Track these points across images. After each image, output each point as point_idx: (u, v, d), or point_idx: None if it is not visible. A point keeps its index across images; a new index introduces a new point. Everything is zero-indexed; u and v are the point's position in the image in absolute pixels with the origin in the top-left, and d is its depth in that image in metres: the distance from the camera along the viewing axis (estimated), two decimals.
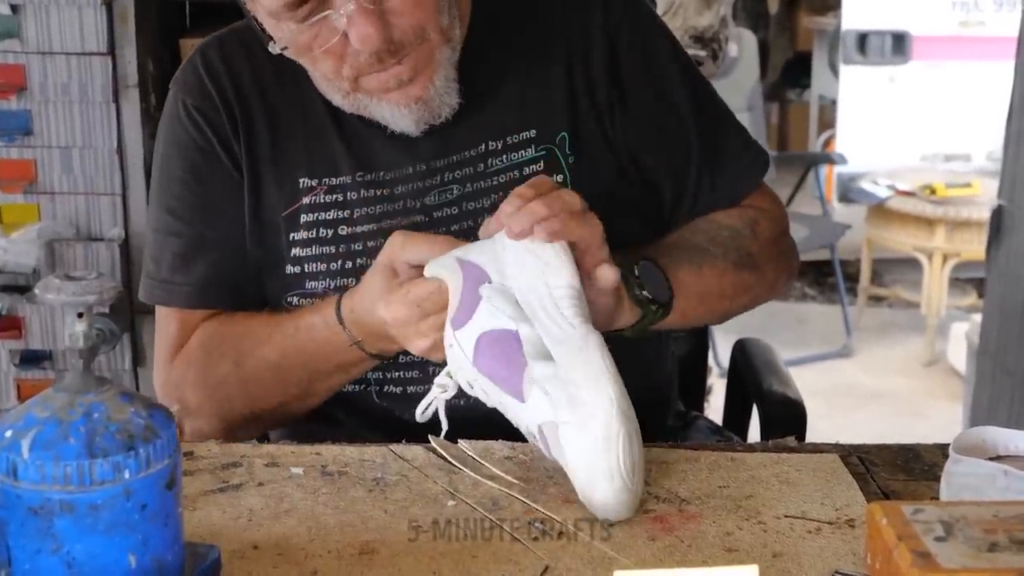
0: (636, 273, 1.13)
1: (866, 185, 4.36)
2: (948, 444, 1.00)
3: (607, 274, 1.07)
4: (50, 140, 2.23)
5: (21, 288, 2.26)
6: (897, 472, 1.08)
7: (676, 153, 1.30)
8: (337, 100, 1.22)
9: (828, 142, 5.20)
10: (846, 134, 4.93)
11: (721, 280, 1.24)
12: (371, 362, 1.20)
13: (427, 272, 1.08)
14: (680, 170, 1.30)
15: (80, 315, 0.82)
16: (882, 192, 4.26)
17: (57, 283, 0.82)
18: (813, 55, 5.77)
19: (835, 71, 5.19)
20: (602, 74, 1.27)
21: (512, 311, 1.02)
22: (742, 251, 1.26)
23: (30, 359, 2.28)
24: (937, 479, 1.03)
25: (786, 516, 0.99)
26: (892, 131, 4.79)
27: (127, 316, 2.28)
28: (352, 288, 1.18)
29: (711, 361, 3.41)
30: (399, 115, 1.19)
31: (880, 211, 4.31)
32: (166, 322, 1.30)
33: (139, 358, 2.32)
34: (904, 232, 4.23)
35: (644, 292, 1.13)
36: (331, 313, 1.17)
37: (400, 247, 1.11)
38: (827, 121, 5.51)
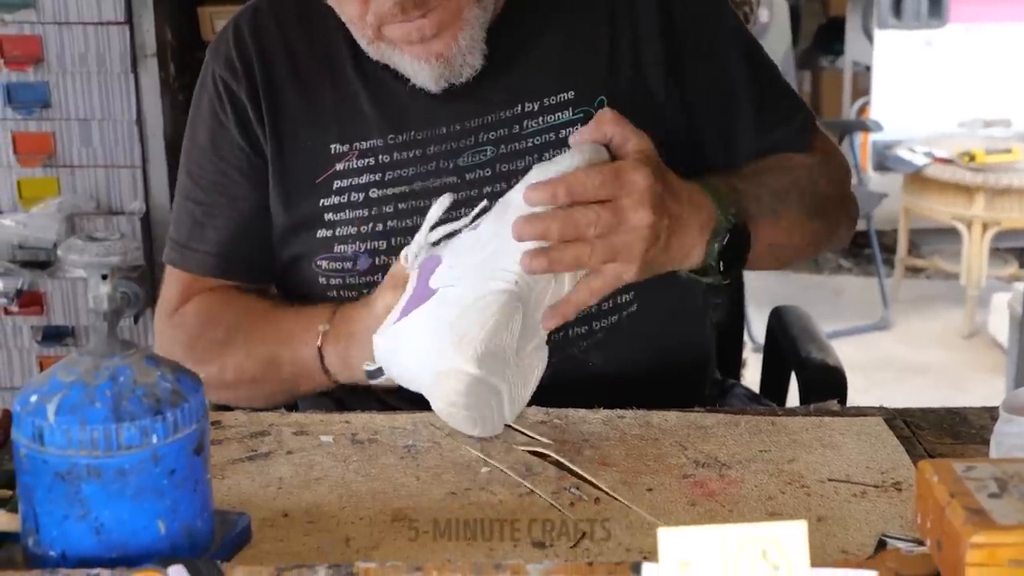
0: (723, 242, 1.09)
1: (902, 153, 4.31)
2: (996, 407, 0.99)
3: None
4: (68, 112, 2.24)
5: (42, 264, 2.27)
6: (944, 436, 1.07)
7: (728, 114, 1.29)
8: (363, 44, 1.22)
9: (863, 109, 5.15)
10: (881, 101, 4.87)
11: (793, 231, 1.23)
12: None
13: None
14: (731, 131, 1.29)
15: (104, 277, 0.82)
16: (919, 160, 4.21)
17: (80, 244, 0.82)
18: (846, 20, 5.70)
19: (869, 36, 5.13)
20: (652, 33, 1.25)
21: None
22: (817, 195, 1.26)
23: (52, 335, 2.29)
24: (985, 443, 1.02)
25: (830, 480, 0.98)
26: (929, 97, 4.73)
27: (149, 291, 2.28)
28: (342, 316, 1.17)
29: (745, 336, 3.39)
30: (418, 69, 1.18)
31: (917, 179, 4.26)
32: (171, 280, 1.32)
33: None
34: (942, 201, 4.18)
35: (720, 263, 1.10)
36: (313, 345, 1.17)
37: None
38: (861, 88, 5.45)
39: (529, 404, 1.08)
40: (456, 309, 1.01)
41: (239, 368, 1.22)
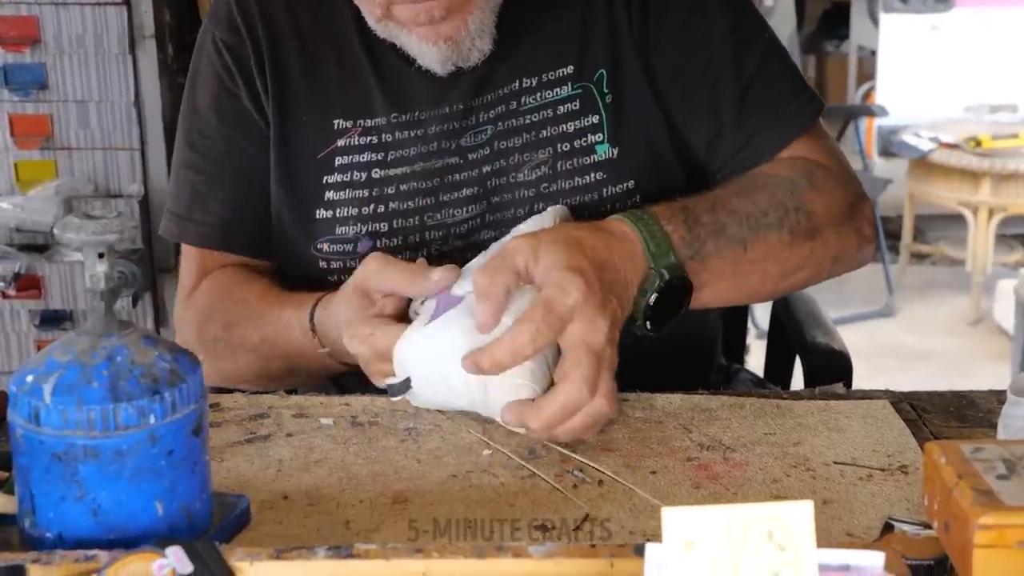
0: (651, 300, 1.04)
1: (908, 138, 4.30)
2: (1003, 391, 0.99)
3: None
4: (66, 94, 2.23)
5: (40, 247, 2.27)
6: (950, 419, 1.06)
7: (709, 91, 1.22)
8: (371, 22, 1.20)
9: (868, 94, 5.14)
10: (887, 85, 4.86)
11: (768, 258, 1.13)
12: (345, 367, 1.17)
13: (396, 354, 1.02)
14: (715, 110, 1.23)
15: (101, 255, 0.81)
16: (925, 145, 4.20)
17: (77, 222, 0.81)
18: (852, 4, 5.68)
19: (875, 20, 5.11)
20: (638, 6, 1.23)
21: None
22: (801, 211, 1.15)
23: (50, 319, 2.29)
24: (992, 426, 1.01)
25: (835, 463, 0.97)
26: (935, 81, 4.72)
27: (148, 274, 2.28)
28: (328, 296, 1.14)
29: (749, 322, 3.39)
30: (426, 51, 1.17)
31: (923, 165, 4.25)
32: (186, 258, 1.31)
33: (161, 318, 2.32)
34: (948, 186, 4.18)
35: (646, 324, 1.05)
36: (306, 317, 1.16)
37: (376, 273, 1.05)
38: (867, 73, 5.43)
39: None
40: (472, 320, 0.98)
41: (247, 359, 1.22)
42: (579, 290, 0.95)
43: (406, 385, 1.00)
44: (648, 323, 1.04)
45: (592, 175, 1.21)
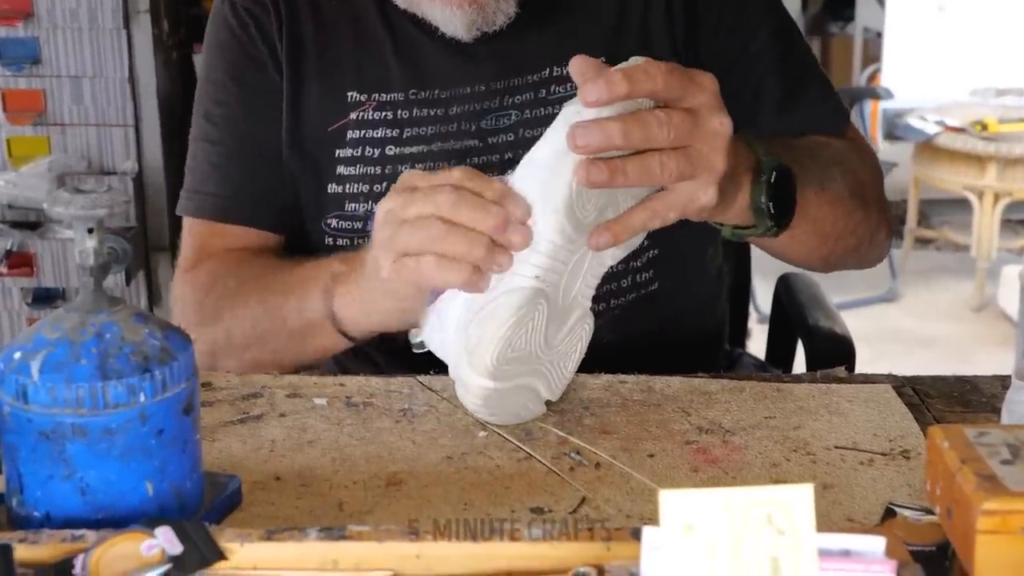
0: (770, 179, 1.00)
1: (913, 121, 4.29)
2: (1007, 376, 0.98)
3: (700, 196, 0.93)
4: (59, 69, 2.22)
5: (32, 224, 2.26)
6: (953, 404, 1.06)
7: (749, 97, 1.23)
8: None
9: (873, 76, 5.12)
10: (892, 68, 4.84)
11: (836, 208, 1.14)
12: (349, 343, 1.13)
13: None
14: (752, 116, 1.22)
15: (90, 230, 0.81)
16: (930, 128, 4.19)
17: (67, 196, 0.81)
18: None
19: (881, 1, 5.09)
20: (670, 6, 1.22)
21: None
22: (857, 179, 1.17)
23: (42, 297, 2.28)
24: (996, 411, 1.01)
25: (836, 447, 0.97)
26: (941, 64, 4.70)
27: (142, 254, 2.27)
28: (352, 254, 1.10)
29: (751, 305, 3.38)
30: (450, 16, 1.15)
31: (928, 148, 4.24)
32: (188, 232, 1.27)
33: (155, 297, 2.32)
34: (953, 170, 4.17)
35: (769, 204, 1.00)
36: (326, 272, 1.10)
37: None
38: (872, 55, 5.42)
39: None
40: (468, 310, 0.95)
41: (247, 324, 1.17)
42: (715, 82, 0.91)
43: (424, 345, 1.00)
44: (771, 207, 1.00)
45: None
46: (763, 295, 3.48)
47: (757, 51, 1.24)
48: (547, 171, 0.93)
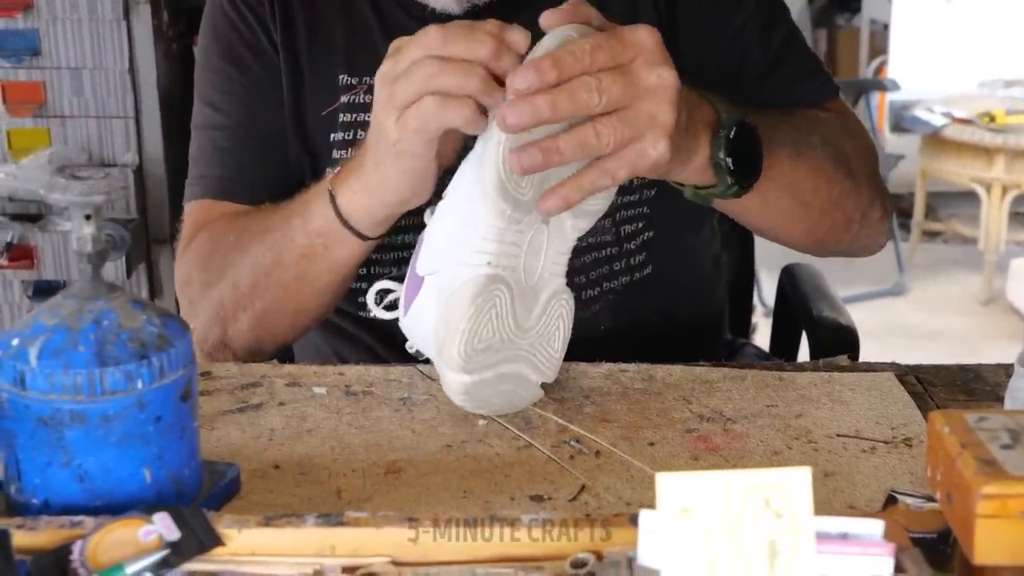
0: (730, 135, 0.97)
1: (920, 113, 4.29)
2: (1011, 364, 0.98)
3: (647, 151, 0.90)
4: (59, 61, 2.22)
5: (32, 217, 2.27)
6: (957, 392, 1.06)
7: (734, 67, 1.23)
8: None
9: (880, 68, 5.12)
10: (899, 59, 4.84)
11: (816, 175, 1.11)
12: (358, 244, 1.09)
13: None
14: (736, 84, 1.22)
15: (88, 217, 0.81)
16: (937, 120, 4.19)
17: (63, 183, 0.81)
18: None
19: None
20: None
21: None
22: (839, 147, 1.15)
23: (43, 290, 2.29)
24: (1000, 400, 1.01)
25: (838, 435, 0.97)
26: (948, 55, 4.70)
27: (143, 246, 2.28)
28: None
29: (755, 299, 3.38)
30: None
31: (935, 140, 4.24)
32: (188, 214, 1.27)
33: (156, 288, 2.32)
34: (961, 163, 4.17)
35: (728, 160, 0.98)
36: (325, 183, 1.08)
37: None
38: (879, 47, 5.41)
39: None
40: (436, 308, 0.95)
41: (250, 267, 1.14)
42: (653, 35, 0.89)
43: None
44: (730, 163, 0.97)
45: None
46: (768, 291, 3.49)
47: (740, 24, 1.24)
48: (476, 155, 0.93)
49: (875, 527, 0.62)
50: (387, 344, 1.23)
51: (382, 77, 0.95)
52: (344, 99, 1.22)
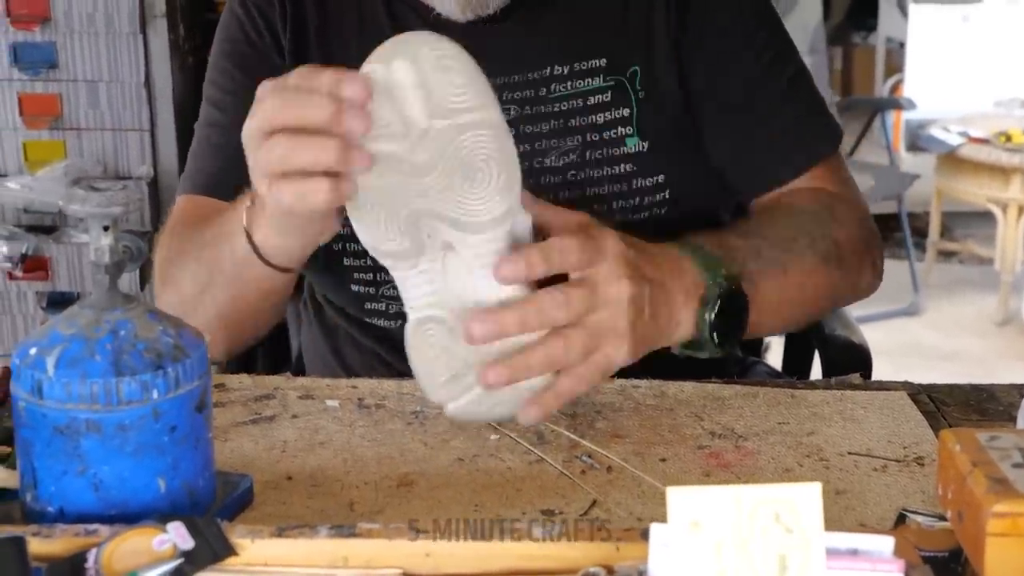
0: (713, 313, 0.99)
1: (936, 132, 4.29)
2: None
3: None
4: (75, 73, 2.25)
5: (47, 228, 2.29)
6: (970, 412, 1.06)
7: (737, 110, 1.24)
8: None
9: (896, 87, 5.13)
10: (915, 78, 4.86)
11: (805, 282, 1.13)
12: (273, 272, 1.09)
13: None
14: (740, 126, 1.25)
15: (106, 228, 0.82)
16: (953, 139, 4.19)
17: (82, 194, 0.82)
18: None
19: (904, 11, 5.10)
20: (676, 9, 1.23)
21: None
22: (827, 239, 1.16)
23: (57, 301, 2.30)
24: (1013, 420, 1.02)
25: (850, 453, 0.97)
26: (965, 74, 4.71)
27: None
28: None
29: None
30: None
31: (951, 160, 4.24)
32: (177, 206, 1.28)
33: None
34: (977, 182, 4.16)
35: (714, 334, 1.00)
36: (240, 224, 1.07)
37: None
38: (895, 65, 5.43)
39: None
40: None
41: (189, 280, 1.15)
42: (617, 242, 0.92)
43: None
44: (715, 336, 0.99)
45: (622, 166, 1.22)
46: None
47: (750, 58, 1.24)
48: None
49: (885, 544, 0.63)
50: (391, 350, 1.25)
51: (247, 137, 0.95)
52: None
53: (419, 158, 0.90)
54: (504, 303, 0.90)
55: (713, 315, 0.99)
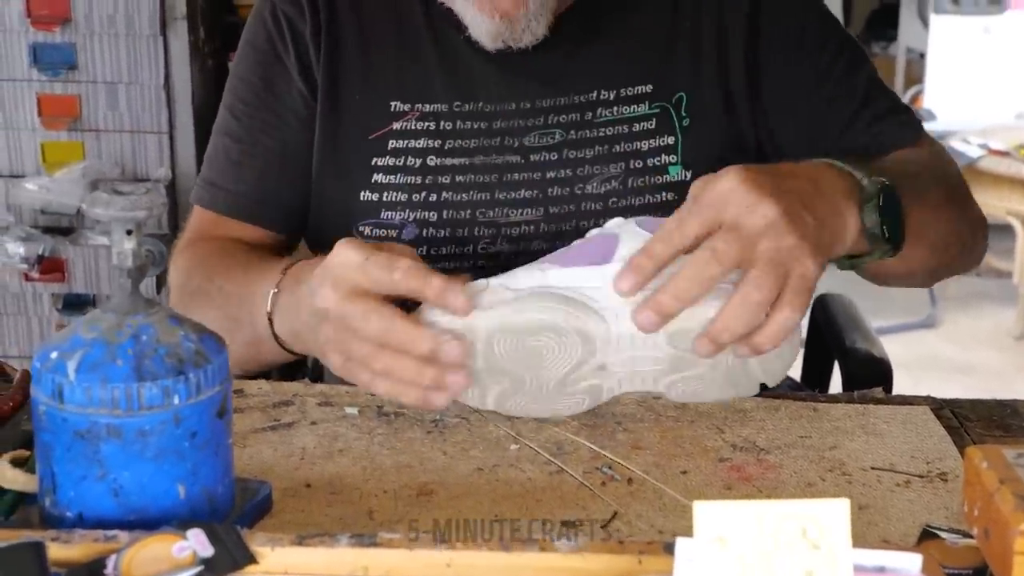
0: (879, 202, 0.99)
1: (956, 144, 4.27)
2: None
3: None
4: (95, 75, 2.25)
5: (64, 230, 2.29)
6: (993, 428, 1.06)
7: (820, 111, 1.25)
8: None
9: (916, 98, 5.11)
10: (935, 89, 4.84)
11: (938, 216, 1.12)
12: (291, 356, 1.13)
13: None
14: (820, 131, 1.24)
15: (129, 232, 0.82)
16: (974, 152, 4.18)
17: (106, 198, 0.82)
18: (901, 4, 5.66)
19: (925, 21, 5.09)
20: (739, 26, 1.23)
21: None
22: (947, 181, 1.17)
23: (73, 303, 2.31)
24: None
25: (873, 468, 0.97)
26: (985, 86, 4.69)
27: None
28: (303, 264, 1.09)
29: None
30: (479, 22, 1.18)
31: (971, 172, 4.21)
32: (195, 216, 1.30)
33: None
34: (997, 195, 4.15)
35: (884, 227, 0.99)
36: (271, 286, 1.09)
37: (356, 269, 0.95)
38: (915, 76, 5.41)
39: None
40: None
41: (211, 323, 1.13)
42: (733, 177, 0.90)
43: None
44: (886, 230, 0.98)
45: (663, 195, 1.21)
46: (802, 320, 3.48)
47: (826, 65, 1.25)
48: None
49: (913, 561, 0.62)
50: None
51: (331, 314, 0.96)
52: (396, 126, 1.23)
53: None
54: (708, 323, 0.93)
55: (880, 206, 0.98)
